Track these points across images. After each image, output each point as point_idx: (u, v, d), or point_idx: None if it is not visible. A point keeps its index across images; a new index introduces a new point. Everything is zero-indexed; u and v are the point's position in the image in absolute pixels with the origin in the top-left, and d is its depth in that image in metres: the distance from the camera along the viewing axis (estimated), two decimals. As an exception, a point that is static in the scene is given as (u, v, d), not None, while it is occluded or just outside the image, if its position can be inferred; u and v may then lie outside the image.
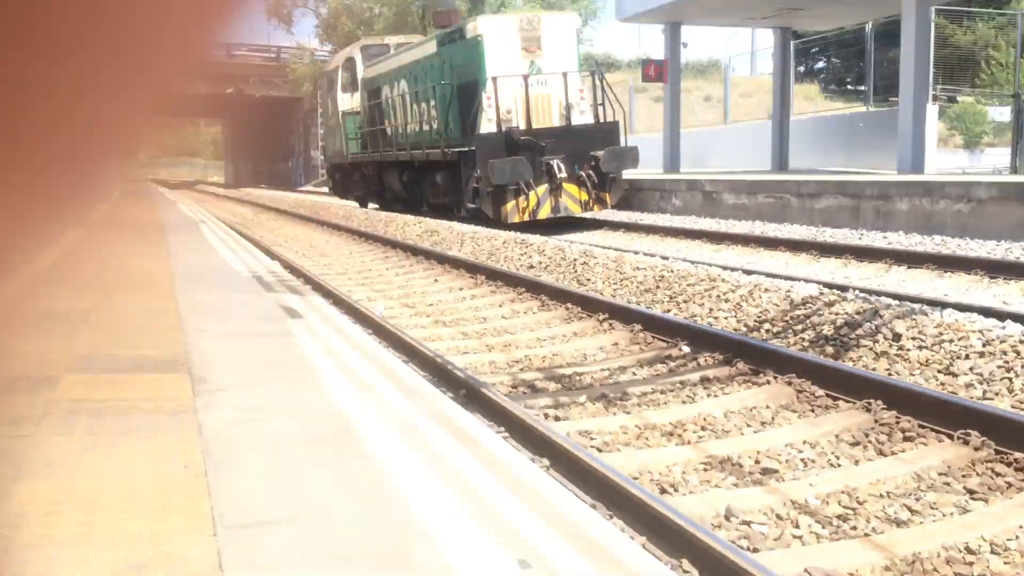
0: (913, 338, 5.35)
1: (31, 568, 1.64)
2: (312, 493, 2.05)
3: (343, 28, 44.66)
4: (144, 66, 0.52)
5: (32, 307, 4.54)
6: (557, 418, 4.61)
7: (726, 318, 6.74)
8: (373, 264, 11.36)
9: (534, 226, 13.27)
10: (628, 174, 15.05)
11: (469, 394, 4.66)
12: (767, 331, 6.29)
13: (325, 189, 24.91)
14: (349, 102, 20.93)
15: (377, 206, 20.23)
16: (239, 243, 9.72)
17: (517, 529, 1.85)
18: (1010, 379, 4.59)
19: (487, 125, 13.47)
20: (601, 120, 14.09)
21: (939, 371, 4.91)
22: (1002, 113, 20.35)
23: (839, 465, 3.81)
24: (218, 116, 69.39)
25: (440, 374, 5.07)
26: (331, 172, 24.42)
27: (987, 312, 5.93)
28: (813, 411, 4.56)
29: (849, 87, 30.50)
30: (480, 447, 2.42)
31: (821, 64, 35.58)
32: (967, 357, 4.93)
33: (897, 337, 5.42)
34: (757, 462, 3.87)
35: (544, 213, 13.58)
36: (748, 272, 8.25)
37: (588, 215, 14.52)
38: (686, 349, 5.79)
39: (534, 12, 15.32)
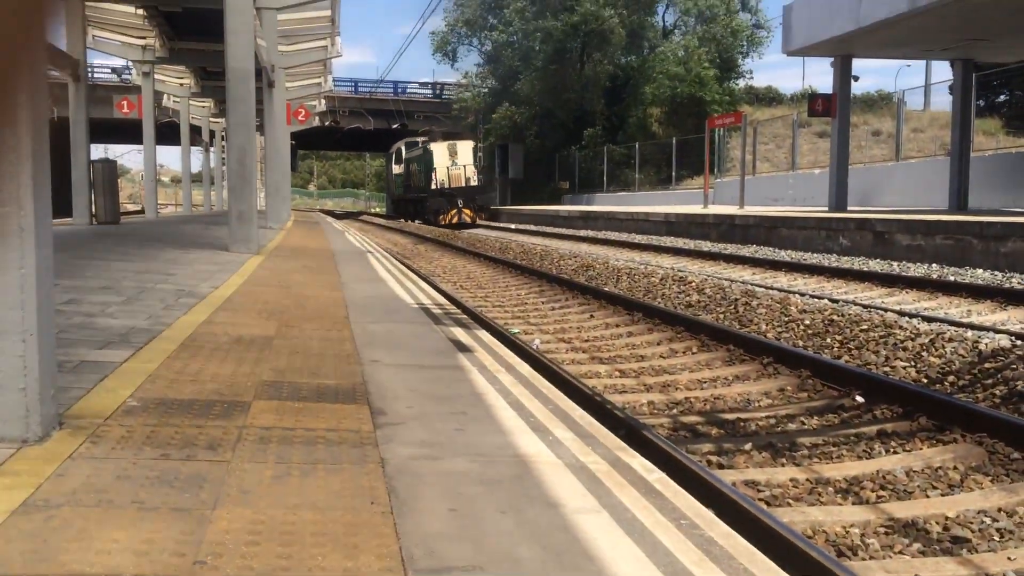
0: None
1: (235, 599, 1.69)
2: (497, 539, 2.03)
3: (506, 62, 45.76)
4: None
5: (222, 332, 4.81)
6: (721, 466, 4.45)
7: (904, 368, 6.35)
8: (528, 297, 11.44)
9: (452, 227, 32.23)
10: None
11: (629, 436, 4.56)
12: (952, 384, 5.88)
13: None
14: (397, 170, 45.03)
15: (418, 221, 37.86)
16: (404, 273, 10.02)
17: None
18: None
19: (433, 185, 35.01)
20: (481, 183, 36.00)
21: None
22: None
23: (1043, 540, 3.46)
24: (383, 150, 73.49)
25: (598, 413, 5.00)
26: (389, 205, 51.51)
27: None
28: (1008, 476, 4.19)
29: (1036, 122, 28.47)
30: (664, 499, 2.34)
31: (1003, 98, 33.42)
32: None
33: (1108, 399, 4.93)
34: (946, 529, 3.59)
35: (454, 221, 33.36)
36: (928, 319, 7.76)
37: (480, 223, 34.69)
38: (860, 400, 5.47)
39: (454, 141, 37.14)
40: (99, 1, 17.74)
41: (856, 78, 20.88)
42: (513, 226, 34.15)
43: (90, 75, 18.45)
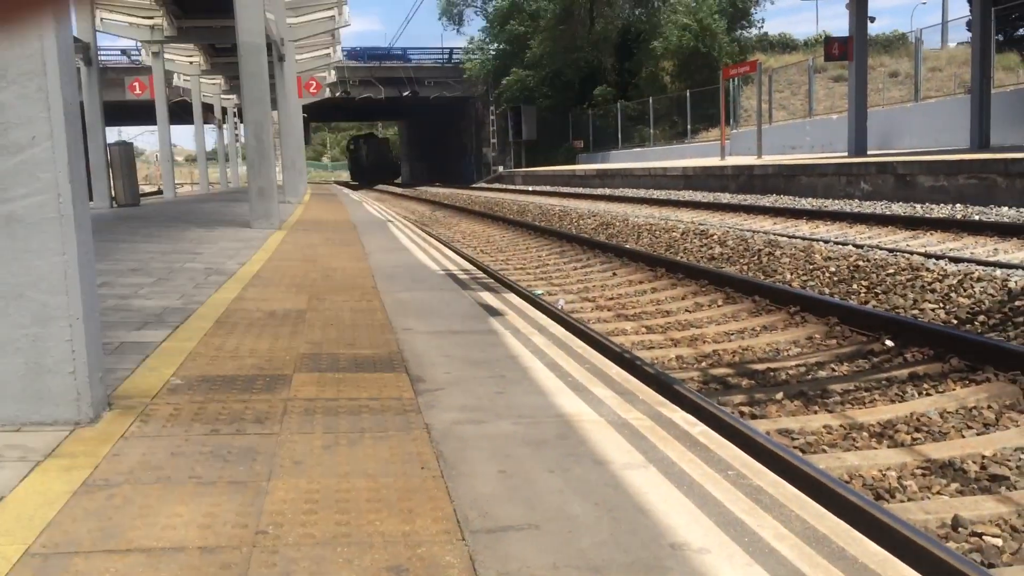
0: None
1: (301, 567, 1.74)
2: (548, 498, 2.07)
3: (512, 28, 45.23)
4: None
5: (255, 308, 4.87)
6: (754, 416, 4.47)
7: (933, 310, 6.33)
8: (550, 259, 11.45)
9: (374, 184, 56.71)
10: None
11: (660, 390, 4.59)
12: (982, 324, 5.85)
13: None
14: (352, 154, 69.06)
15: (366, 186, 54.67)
16: (426, 240, 10.05)
17: (768, 542, 1.79)
18: None
19: (366, 163, 63.94)
20: (391, 162, 67.70)
21: None
22: None
23: (1083, 474, 3.47)
24: (395, 118, 75.03)
25: (627, 369, 5.02)
26: (351, 174, 68.50)
27: None
28: (1045, 412, 4.19)
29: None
30: (709, 452, 2.38)
31: (1022, 31, 32.73)
32: None
33: None
34: (983, 468, 3.60)
35: (378, 181, 59.99)
36: (955, 260, 7.70)
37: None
38: (890, 344, 5.46)
39: (379, 138, 70.26)
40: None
41: (872, 19, 20.53)
42: (530, 188, 34.05)
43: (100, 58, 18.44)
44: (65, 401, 2.66)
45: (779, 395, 4.74)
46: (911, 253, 8.34)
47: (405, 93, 50.61)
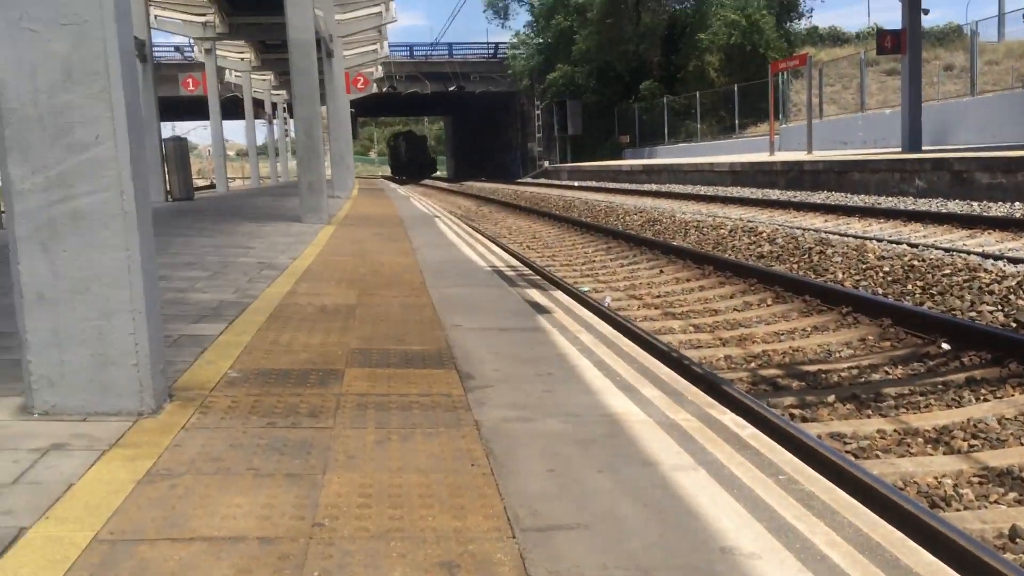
0: None
1: (356, 560, 1.78)
2: (597, 498, 2.08)
3: (558, 23, 45.09)
4: None
5: (307, 302, 4.96)
6: (804, 419, 4.42)
7: (991, 313, 6.19)
8: (596, 255, 11.43)
9: (416, 180, 58.28)
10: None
11: (709, 391, 4.56)
12: (1042, 328, 5.72)
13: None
14: (393, 150, 73.84)
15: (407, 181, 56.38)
16: (472, 236, 10.12)
17: (819, 548, 1.79)
18: None
19: (404, 159, 67.46)
20: (428, 159, 69.19)
21: None
22: None
23: None
24: (441, 113, 75.73)
25: (675, 369, 4.99)
26: (391, 169, 75.44)
27: None
28: (1107, 421, 4.08)
29: (1123, 47, 27.01)
30: (760, 455, 2.37)
31: (1086, 22, 31.69)
32: None
33: None
34: (1042, 476, 3.52)
35: (416, 177, 61.29)
36: (1014, 260, 7.52)
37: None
38: (946, 347, 5.36)
39: (416, 136, 71.96)
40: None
41: (926, 11, 20.06)
42: (575, 183, 33.96)
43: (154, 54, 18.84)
44: (128, 392, 2.74)
45: (831, 398, 4.68)
46: (968, 253, 8.17)
47: (451, 88, 50.81)
